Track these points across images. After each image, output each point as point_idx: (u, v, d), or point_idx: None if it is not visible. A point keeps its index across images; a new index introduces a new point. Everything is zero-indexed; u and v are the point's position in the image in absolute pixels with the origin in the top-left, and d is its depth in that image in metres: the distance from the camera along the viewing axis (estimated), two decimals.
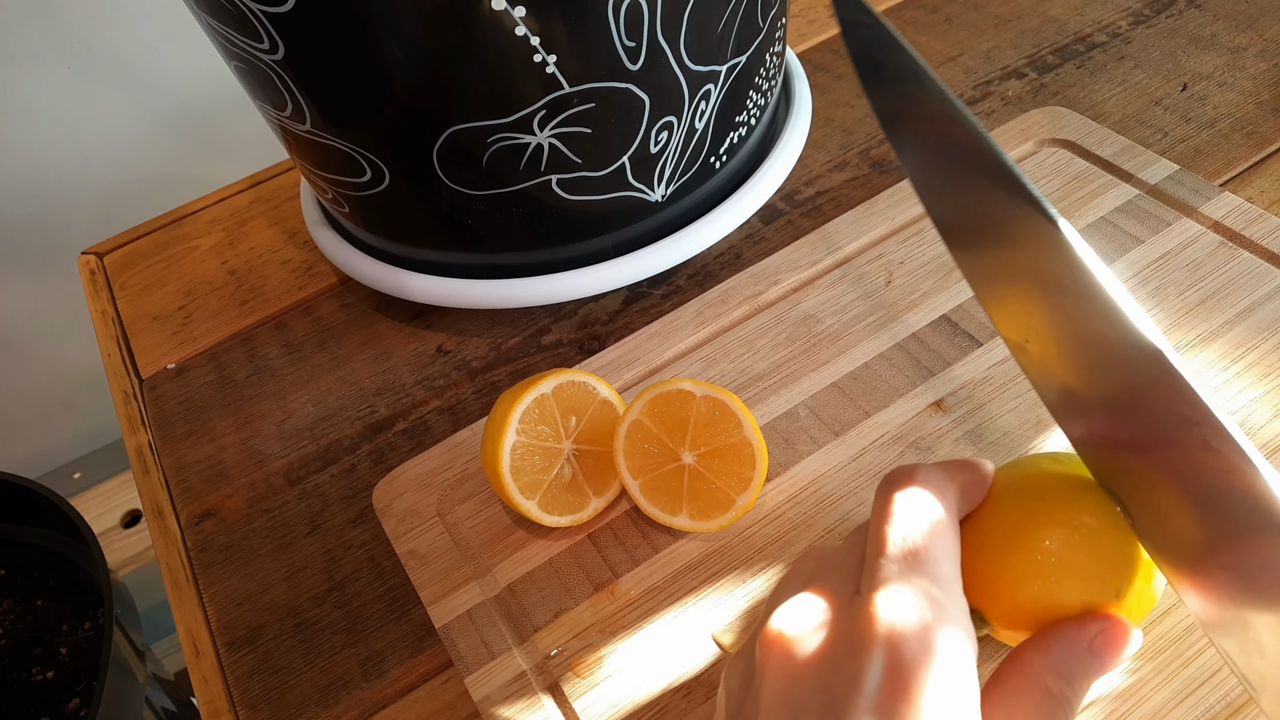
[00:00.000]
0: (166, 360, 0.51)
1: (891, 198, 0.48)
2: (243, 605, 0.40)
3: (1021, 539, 0.26)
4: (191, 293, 0.54)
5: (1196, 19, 0.57)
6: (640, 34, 0.36)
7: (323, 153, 0.42)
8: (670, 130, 0.41)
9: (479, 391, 0.46)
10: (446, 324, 0.49)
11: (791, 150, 0.49)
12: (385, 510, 0.40)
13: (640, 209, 0.44)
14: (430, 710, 0.36)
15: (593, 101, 0.38)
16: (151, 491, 0.45)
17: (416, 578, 0.37)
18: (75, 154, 0.93)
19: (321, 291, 0.52)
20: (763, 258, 0.47)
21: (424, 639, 0.37)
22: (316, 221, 0.51)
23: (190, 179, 0.86)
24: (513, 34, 0.34)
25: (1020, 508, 0.27)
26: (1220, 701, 0.30)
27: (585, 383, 0.38)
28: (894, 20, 0.62)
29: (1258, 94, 0.52)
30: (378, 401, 0.46)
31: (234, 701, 0.37)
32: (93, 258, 0.58)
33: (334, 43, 0.36)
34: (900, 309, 0.43)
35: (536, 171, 0.40)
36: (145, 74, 0.91)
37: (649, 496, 0.36)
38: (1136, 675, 0.31)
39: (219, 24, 0.37)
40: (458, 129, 0.38)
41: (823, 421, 0.40)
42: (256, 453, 0.45)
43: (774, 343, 0.43)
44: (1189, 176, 0.46)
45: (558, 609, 0.36)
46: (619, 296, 0.49)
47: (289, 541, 0.41)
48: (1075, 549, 0.26)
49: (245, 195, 0.60)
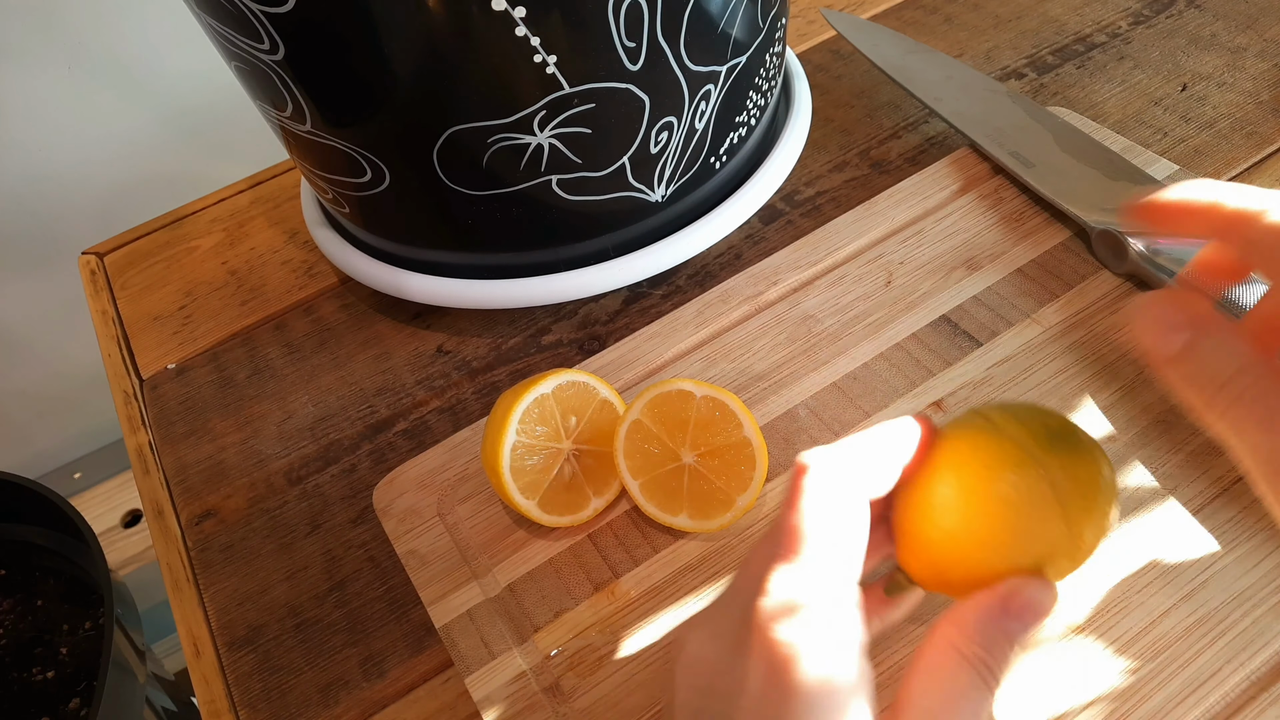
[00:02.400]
0: (167, 360, 0.51)
1: (891, 198, 0.48)
2: (243, 605, 0.40)
3: (940, 507, 0.26)
4: (192, 293, 0.54)
5: (1196, 19, 0.57)
6: (640, 34, 0.36)
7: (323, 153, 0.42)
8: (670, 130, 0.41)
9: (479, 391, 0.46)
10: (446, 324, 0.49)
11: (791, 150, 0.49)
12: (385, 510, 0.40)
13: (640, 209, 0.44)
14: (430, 710, 0.36)
15: (593, 102, 0.38)
16: (152, 491, 0.45)
17: (416, 578, 0.37)
18: (75, 154, 0.93)
19: (321, 291, 0.52)
20: (763, 258, 0.47)
21: (424, 639, 0.37)
22: (317, 221, 0.51)
23: (190, 179, 0.85)
24: (513, 35, 0.34)
25: (943, 475, 0.26)
26: (1220, 701, 0.30)
27: (585, 383, 0.38)
28: (894, 20, 0.62)
29: (1258, 94, 0.52)
30: (378, 401, 0.46)
31: (234, 701, 0.37)
32: (93, 258, 0.58)
33: (334, 43, 0.36)
34: (900, 309, 0.43)
35: (536, 172, 0.40)
36: (145, 74, 0.91)
37: (649, 496, 0.36)
38: (1136, 675, 0.31)
39: (219, 24, 0.37)
40: (458, 129, 0.38)
41: (823, 421, 0.40)
42: (257, 453, 0.45)
43: (774, 343, 0.43)
44: (1189, 177, 0.46)
45: (558, 609, 0.36)
46: (619, 296, 0.49)
47: (289, 541, 0.41)
48: (994, 520, 0.25)
49: (245, 195, 0.60)
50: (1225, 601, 0.32)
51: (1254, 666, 0.31)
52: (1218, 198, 0.26)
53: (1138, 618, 0.32)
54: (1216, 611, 0.32)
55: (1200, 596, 0.33)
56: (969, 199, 0.47)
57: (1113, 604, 0.33)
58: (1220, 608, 0.32)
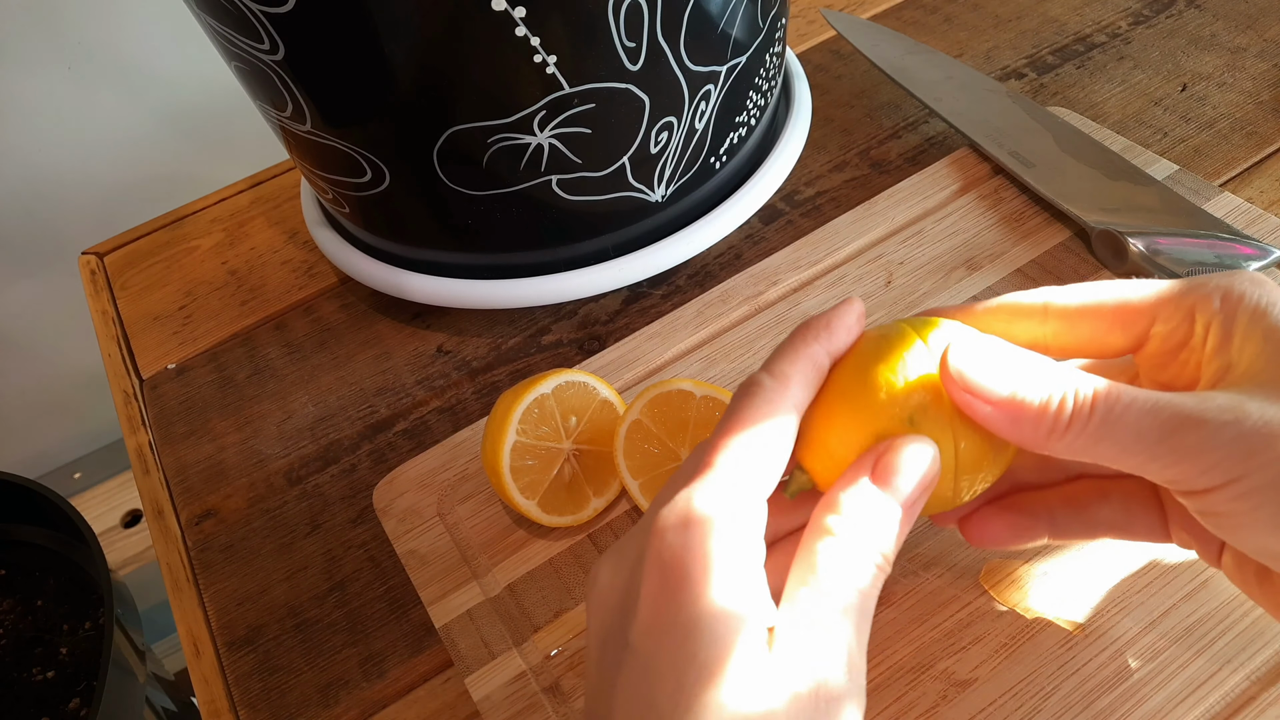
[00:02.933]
0: (167, 360, 0.51)
1: (891, 198, 0.48)
2: (243, 605, 0.40)
3: (831, 398, 0.26)
4: (192, 293, 0.54)
5: (1196, 19, 0.57)
6: (640, 34, 0.36)
7: (323, 153, 0.42)
8: (670, 130, 0.41)
9: (479, 391, 0.46)
10: (446, 324, 0.49)
11: (791, 150, 0.49)
12: (385, 510, 0.40)
13: (640, 209, 0.44)
14: (430, 710, 0.36)
15: (593, 102, 0.38)
16: (151, 491, 0.45)
17: (416, 578, 0.37)
18: (75, 154, 0.93)
19: (322, 291, 0.52)
20: (763, 258, 0.47)
21: (424, 639, 0.37)
22: (317, 221, 0.51)
23: (190, 179, 0.85)
24: (513, 35, 0.34)
25: (839, 369, 0.27)
26: (1220, 701, 0.30)
27: (585, 383, 0.38)
28: (894, 21, 0.62)
29: (1257, 94, 0.52)
30: (378, 401, 0.46)
31: (234, 701, 0.37)
32: (93, 258, 0.58)
33: (334, 43, 0.36)
34: (900, 309, 0.43)
35: (536, 172, 0.40)
36: (145, 74, 0.91)
37: (649, 496, 0.36)
38: (1136, 675, 0.31)
39: (219, 24, 0.37)
40: (458, 129, 0.38)
41: None
42: (257, 453, 0.45)
43: (774, 343, 0.43)
44: (1189, 177, 0.46)
45: (558, 609, 0.36)
46: (619, 296, 0.49)
47: (289, 541, 0.41)
48: (874, 398, 0.25)
49: (245, 195, 0.60)
50: (1225, 601, 0.32)
51: (1254, 666, 0.31)
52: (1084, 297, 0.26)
53: (1138, 618, 0.32)
54: (1216, 611, 0.32)
55: (1200, 596, 0.33)
56: (969, 199, 0.47)
57: (1113, 604, 0.33)
58: (1220, 608, 0.32)
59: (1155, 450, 0.22)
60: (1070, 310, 0.26)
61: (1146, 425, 0.22)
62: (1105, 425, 0.23)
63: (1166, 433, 0.22)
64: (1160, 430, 0.22)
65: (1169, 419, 0.22)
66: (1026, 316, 0.27)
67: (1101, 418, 0.23)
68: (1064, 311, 0.26)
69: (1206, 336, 0.25)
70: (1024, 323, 0.27)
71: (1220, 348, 0.24)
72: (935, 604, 0.33)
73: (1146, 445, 0.22)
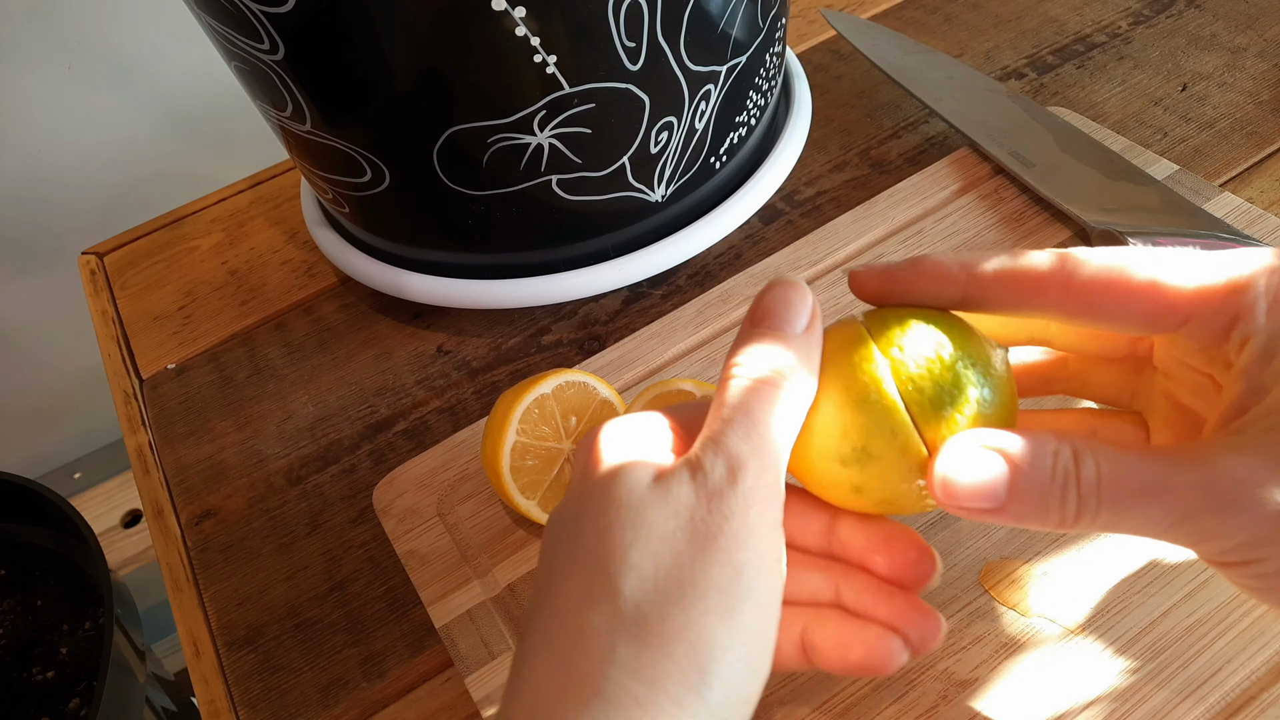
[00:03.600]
0: (166, 360, 0.51)
1: (891, 198, 0.48)
2: (243, 605, 0.40)
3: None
4: (191, 293, 0.54)
5: (1196, 19, 0.57)
6: (640, 34, 0.36)
7: (323, 153, 0.42)
8: (670, 130, 0.41)
9: (479, 391, 0.46)
10: (446, 324, 0.49)
11: (791, 150, 0.49)
12: (385, 510, 0.40)
13: (640, 209, 0.44)
14: (430, 710, 0.36)
15: (593, 102, 0.38)
16: (151, 491, 0.45)
17: (416, 578, 0.37)
18: (75, 154, 0.93)
19: (321, 291, 0.52)
20: (763, 258, 0.47)
21: (424, 639, 0.37)
22: (316, 221, 0.51)
23: (190, 179, 0.85)
24: (513, 34, 0.34)
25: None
26: (1220, 701, 0.30)
27: (585, 383, 0.38)
28: (894, 21, 0.62)
29: (1258, 94, 0.52)
30: (378, 401, 0.46)
31: (234, 701, 0.37)
32: (93, 258, 0.58)
33: (334, 43, 0.36)
34: None
35: (536, 172, 0.40)
36: (145, 74, 0.91)
37: None
38: (1136, 675, 0.31)
39: (219, 24, 0.37)
40: (458, 129, 0.38)
41: None
42: (256, 453, 0.45)
43: None
44: (1189, 177, 0.46)
45: None
46: (619, 296, 0.49)
47: (289, 541, 0.41)
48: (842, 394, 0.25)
49: (245, 195, 0.60)
50: (1225, 601, 0.32)
51: (1254, 666, 0.31)
52: (1008, 263, 0.24)
53: (1138, 618, 0.32)
54: (1216, 611, 0.32)
55: (1200, 596, 0.33)
56: (969, 199, 0.47)
57: (1113, 604, 0.33)
58: (1220, 608, 0.32)
59: (1173, 534, 0.21)
60: (1088, 283, 0.23)
61: (1158, 514, 0.21)
62: (1116, 515, 0.22)
63: (1179, 519, 0.21)
64: (1173, 517, 0.21)
65: (1180, 504, 0.21)
66: (1042, 291, 0.24)
67: (1110, 510, 0.22)
68: (1084, 285, 0.23)
69: (1243, 347, 0.22)
70: (1031, 302, 0.24)
71: (1254, 367, 0.22)
72: (935, 604, 0.33)
73: (1162, 529, 0.22)
